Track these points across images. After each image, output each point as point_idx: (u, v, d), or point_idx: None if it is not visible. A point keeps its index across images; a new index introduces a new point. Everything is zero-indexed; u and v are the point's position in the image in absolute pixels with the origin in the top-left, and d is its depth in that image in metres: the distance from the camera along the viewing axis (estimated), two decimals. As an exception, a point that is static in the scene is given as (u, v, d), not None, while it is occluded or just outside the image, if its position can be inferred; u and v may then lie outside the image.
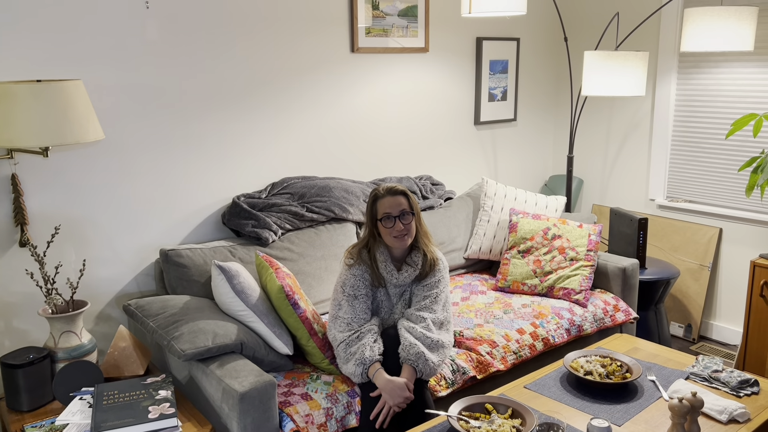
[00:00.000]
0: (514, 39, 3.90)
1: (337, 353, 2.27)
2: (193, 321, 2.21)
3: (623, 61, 3.11)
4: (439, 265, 2.41)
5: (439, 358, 2.26)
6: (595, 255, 3.07)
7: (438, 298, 2.36)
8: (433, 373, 2.25)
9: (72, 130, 2.13)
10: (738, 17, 2.96)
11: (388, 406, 2.14)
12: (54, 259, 2.45)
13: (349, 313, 2.29)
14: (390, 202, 2.31)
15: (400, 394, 2.14)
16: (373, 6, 3.25)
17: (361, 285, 2.32)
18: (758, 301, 2.99)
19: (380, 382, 2.16)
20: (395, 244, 2.32)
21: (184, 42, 2.69)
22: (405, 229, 2.31)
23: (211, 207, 2.89)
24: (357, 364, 2.19)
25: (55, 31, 2.37)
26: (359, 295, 2.31)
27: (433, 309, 2.34)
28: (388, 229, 2.30)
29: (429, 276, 2.39)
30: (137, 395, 1.96)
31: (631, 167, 3.97)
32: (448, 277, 2.45)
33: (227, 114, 2.86)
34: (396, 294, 2.41)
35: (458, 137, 3.78)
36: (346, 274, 2.34)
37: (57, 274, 2.29)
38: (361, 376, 2.19)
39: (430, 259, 2.38)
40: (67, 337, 2.12)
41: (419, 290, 2.38)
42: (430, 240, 2.43)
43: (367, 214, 2.38)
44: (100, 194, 2.56)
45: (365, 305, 2.32)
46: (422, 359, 2.20)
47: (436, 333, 2.29)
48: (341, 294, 2.33)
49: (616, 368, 2.29)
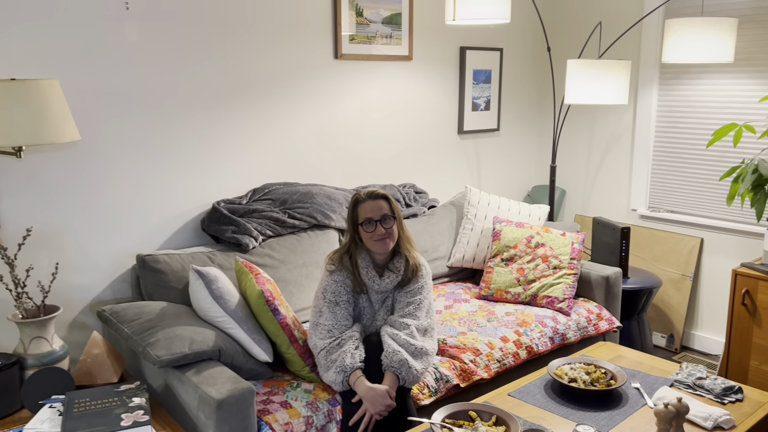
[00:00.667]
0: (498, 49, 3.91)
1: (318, 361, 2.22)
2: (170, 327, 2.15)
3: (606, 69, 3.13)
4: (422, 271, 2.38)
5: (423, 366, 2.22)
6: (579, 263, 3.06)
7: (421, 305, 2.32)
8: (416, 380, 2.20)
9: (47, 130, 2.07)
10: (719, 28, 2.99)
11: (369, 414, 2.09)
12: (26, 263, 2.38)
13: (330, 320, 2.24)
14: (371, 206, 2.28)
15: (382, 402, 2.09)
16: (357, 13, 3.24)
17: (342, 291, 2.28)
18: (740, 309, 2.99)
19: (361, 389, 2.11)
20: (377, 248, 2.28)
21: (164, 45, 2.64)
22: (386, 233, 2.27)
23: (190, 213, 2.83)
24: (338, 371, 2.13)
25: (31, 30, 2.32)
26: (340, 301, 2.27)
27: (417, 315, 2.30)
28: (369, 234, 2.27)
29: (412, 282, 2.35)
30: (110, 402, 1.89)
31: (613, 177, 3.99)
32: (431, 283, 2.41)
33: (208, 118, 2.82)
34: (378, 300, 2.37)
35: (442, 146, 3.77)
36: (327, 280, 2.30)
37: (28, 277, 2.21)
38: (342, 384, 2.14)
39: (412, 264, 2.35)
40: (38, 343, 2.05)
41: (402, 296, 2.34)
42: (413, 246, 2.40)
43: (348, 220, 2.34)
44: (75, 198, 2.50)
45: (346, 312, 2.27)
46: (405, 366, 2.16)
47: (420, 340, 2.25)
48: (322, 300, 2.28)
49: (600, 375, 2.27)
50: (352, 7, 3.20)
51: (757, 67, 3.29)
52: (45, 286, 2.25)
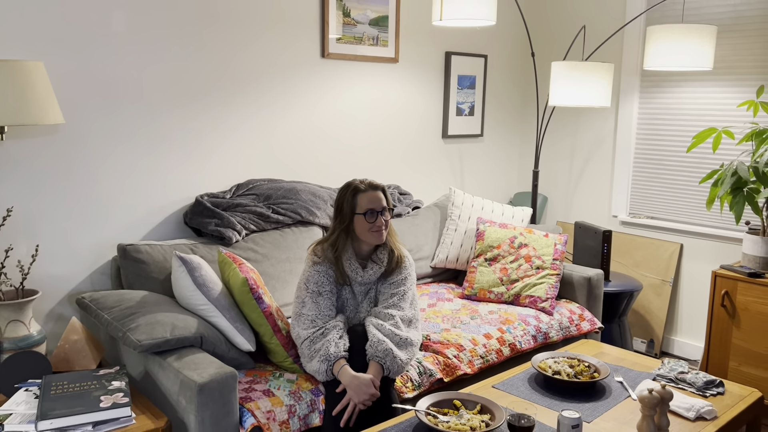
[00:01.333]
0: (482, 56, 3.95)
1: (301, 351, 2.20)
2: (151, 314, 2.11)
3: (589, 71, 3.18)
4: (406, 262, 2.38)
5: (408, 356, 2.20)
6: (561, 264, 3.08)
7: (405, 296, 2.32)
8: (401, 370, 2.19)
9: (30, 111, 2.05)
10: (698, 35, 3.06)
11: (353, 404, 2.06)
12: (3, 246, 2.33)
13: (313, 310, 2.22)
14: (373, 196, 2.27)
15: (366, 391, 2.07)
16: (345, 13, 3.26)
17: (325, 281, 2.26)
18: (719, 310, 3.02)
19: (345, 378, 2.09)
20: (373, 239, 2.27)
21: (153, 36, 2.63)
22: (385, 224, 2.28)
23: (173, 206, 2.81)
24: (321, 360, 2.11)
25: (18, 13, 2.29)
26: (323, 291, 2.25)
27: (401, 306, 2.29)
28: (369, 224, 2.25)
29: (396, 273, 2.34)
30: (88, 386, 1.85)
31: (595, 184, 4.03)
32: (414, 275, 2.41)
33: (193, 112, 2.80)
34: (361, 292, 2.35)
35: (426, 149, 3.79)
36: (310, 270, 2.28)
37: (7, 258, 2.16)
38: (326, 373, 2.12)
39: (396, 255, 2.35)
40: (15, 327, 2.00)
41: (386, 288, 2.33)
42: (397, 238, 2.40)
43: (343, 208, 2.28)
44: (56, 186, 2.46)
45: (330, 302, 2.25)
46: (390, 356, 2.14)
47: (405, 330, 2.24)
48: (305, 291, 2.26)
49: (584, 369, 2.27)
50: (339, 7, 3.23)
51: (735, 75, 3.37)
52: (25, 266, 2.21)
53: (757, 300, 2.89)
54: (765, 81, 3.27)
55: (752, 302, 2.91)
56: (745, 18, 3.30)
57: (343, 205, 2.28)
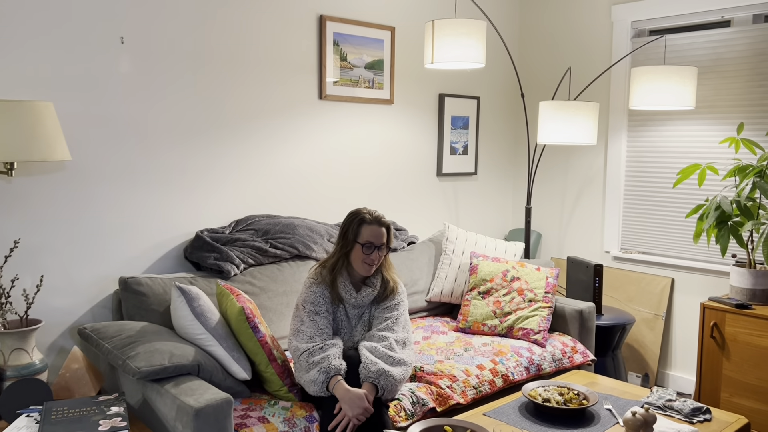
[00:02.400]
0: (475, 97, 4.10)
1: (298, 363, 2.26)
2: (150, 342, 2.18)
3: (576, 110, 3.30)
4: (399, 289, 2.48)
5: (401, 375, 2.28)
6: (553, 297, 3.14)
7: (399, 320, 2.41)
8: (395, 389, 2.25)
9: (39, 148, 2.16)
10: (680, 75, 3.20)
11: (347, 419, 2.12)
12: (10, 277, 2.40)
13: (312, 328, 2.30)
14: (376, 231, 2.37)
15: (359, 404, 2.13)
16: (341, 57, 3.41)
17: (321, 301, 2.35)
18: (709, 342, 3.07)
19: (339, 392, 2.16)
20: (362, 270, 2.38)
21: (156, 78, 2.77)
22: (378, 260, 2.38)
23: (174, 241, 2.89)
24: (321, 371, 2.18)
25: (30, 57, 2.43)
26: (320, 311, 2.34)
27: (395, 329, 2.38)
28: (365, 255, 2.36)
29: (389, 299, 2.44)
30: (88, 410, 1.90)
31: (587, 220, 4.12)
32: (407, 302, 2.50)
33: (194, 150, 2.92)
34: (355, 316, 2.44)
35: (421, 187, 3.89)
36: (307, 291, 2.38)
37: (12, 288, 2.24)
38: (322, 384, 2.18)
39: (391, 285, 2.45)
40: (18, 355, 2.06)
41: (380, 313, 2.43)
42: (391, 268, 2.49)
43: (347, 234, 2.39)
44: (60, 221, 2.55)
45: (327, 321, 2.34)
46: (384, 375, 2.22)
47: (399, 352, 2.32)
48: (302, 311, 2.35)
49: (573, 396, 2.32)
50: (336, 51, 3.38)
51: (717, 114, 3.49)
52: (30, 295, 2.28)
53: (745, 331, 2.95)
54: (745, 119, 3.39)
55: (740, 333, 2.96)
56: (724, 60, 3.44)
57: (348, 231, 2.39)
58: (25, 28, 2.41)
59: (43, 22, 2.45)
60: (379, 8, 3.56)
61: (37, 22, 2.44)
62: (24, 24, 2.40)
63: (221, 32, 2.94)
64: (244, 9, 3.01)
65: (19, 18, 2.39)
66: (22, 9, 2.40)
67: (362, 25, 3.46)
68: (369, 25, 3.49)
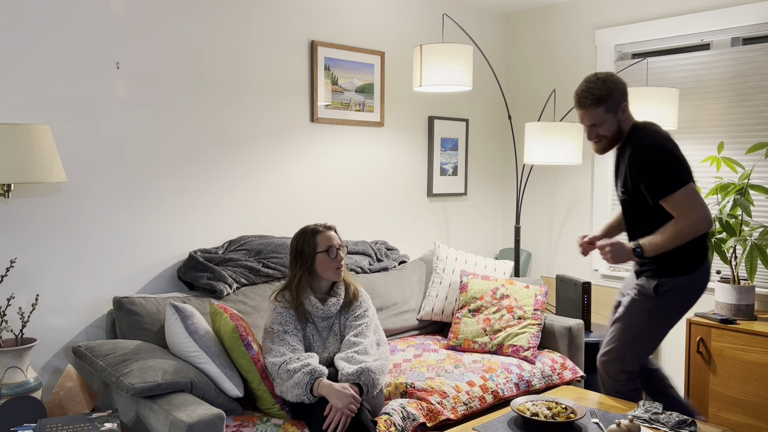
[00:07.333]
0: (463, 120, 4.18)
1: (278, 375, 2.29)
2: (143, 360, 2.21)
3: (560, 131, 3.39)
4: (362, 295, 2.59)
5: (379, 367, 2.39)
6: (542, 314, 3.19)
7: (369, 326, 2.52)
8: (376, 382, 2.34)
9: (36, 170, 2.21)
10: (662, 97, 3.29)
11: (340, 413, 2.18)
12: (4, 297, 2.44)
13: (282, 345, 2.37)
14: (330, 235, 2.51)
15: (347, 394, 2.20)
16: (333, 81, 3.49)
17: (288, 320, 2.43)
18: (696, 357, 3.11)
19: (325, 389, 2.23)
20: (333, 275, 2.48)
21: (150, 102, 2.84)
22: (343, 259, 2.51)
23: (167, 261, 2.93)
24: (305, 374, 2.25)
25: (27, 81, 2.49)
26: (288, 329, 2.41)
27: (366, 335, 2.49)
28: (332, 260, 2.46)
29: (355, 307, 2.55)
30: (81, 427, 1.93)
31: (576, 239, 4.18)
32: (373, 306, 2.62)
33: (188, 172, 2.97)
34: (325, 328, 2.50)
35: (412, 207, 3.96)
36: (273, 314, 2.47)
37: (8, 307, 2.27)
38: (306, 386, 2.23)
39: (353, 288, 2.57)
40: (12, 373, 2.09)
41: (350, 321, 2.53)
42: (348, 273, 2.62)
43: (302, 251, 2.47)
44: (56, 242, 2.60)
45: (297, 338, 2.41)
46: (363, 372, 2.31)
47: (374, 353, 2.44)
48: (272, 332, 2.42)
49: (561, 410, 2.35)
50: (327, 76, 3.46)
51: (698, 134, 3.58)
52: (25, 313, 2.31)
53: (731, 345, 3.00)
54: (725, 138, 3.48)
55: (726, 348, 3.01)
56: (705, 81, 3.54)
57: (304, 248, 2.48)
58: (24, 53, 2.48)
59: (41, 46, 2.52)
60: (368, 34, 3.65)
61: (36, 47, 2.50)
62: (23, 49, 2.47)
63: (215, 57, 3.02)
64: (238, 34, 3.10)
65: (19, 44, 2.46)
66: (22, 37, 2.47)
67: (352, 50, 3.55)
68: (359, 50, 3.58)
